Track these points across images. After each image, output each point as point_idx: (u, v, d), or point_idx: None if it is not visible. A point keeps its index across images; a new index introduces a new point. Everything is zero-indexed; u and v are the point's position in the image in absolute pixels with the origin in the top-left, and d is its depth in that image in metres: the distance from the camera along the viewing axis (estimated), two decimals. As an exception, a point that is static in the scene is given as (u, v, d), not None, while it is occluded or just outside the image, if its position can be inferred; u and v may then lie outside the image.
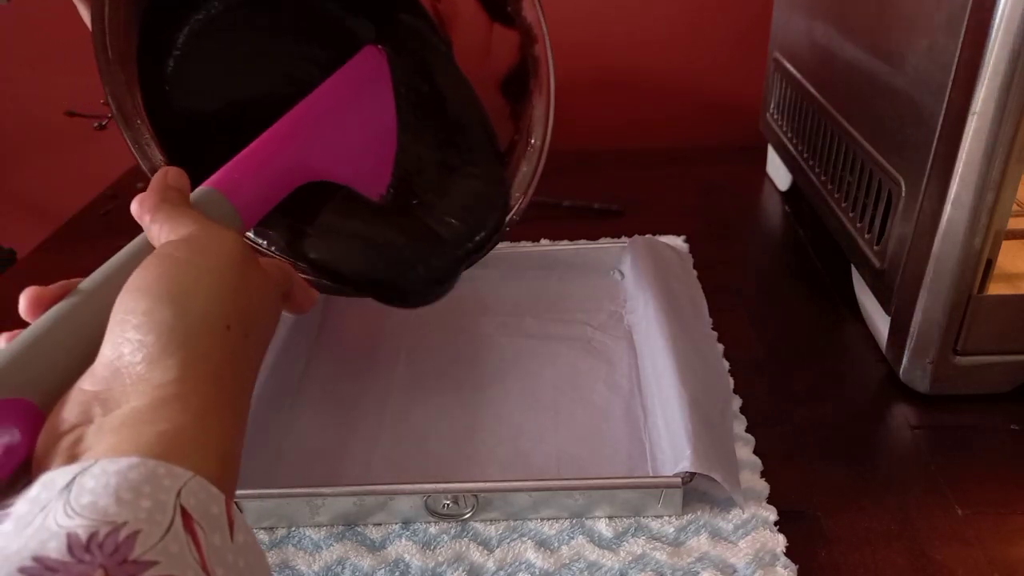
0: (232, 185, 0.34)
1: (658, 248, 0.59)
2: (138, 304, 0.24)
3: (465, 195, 0.46)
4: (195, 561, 0.19)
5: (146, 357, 0.23)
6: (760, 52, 0.79)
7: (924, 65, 0.42)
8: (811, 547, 0.39)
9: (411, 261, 0.44)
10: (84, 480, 0.19)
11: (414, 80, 0.46)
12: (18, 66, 0.92)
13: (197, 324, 0.24)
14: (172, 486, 0.20)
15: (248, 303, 0.27)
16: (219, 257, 0.27)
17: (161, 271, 0.25)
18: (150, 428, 0.22)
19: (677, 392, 0.43)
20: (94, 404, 0.23)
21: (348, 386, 0.51)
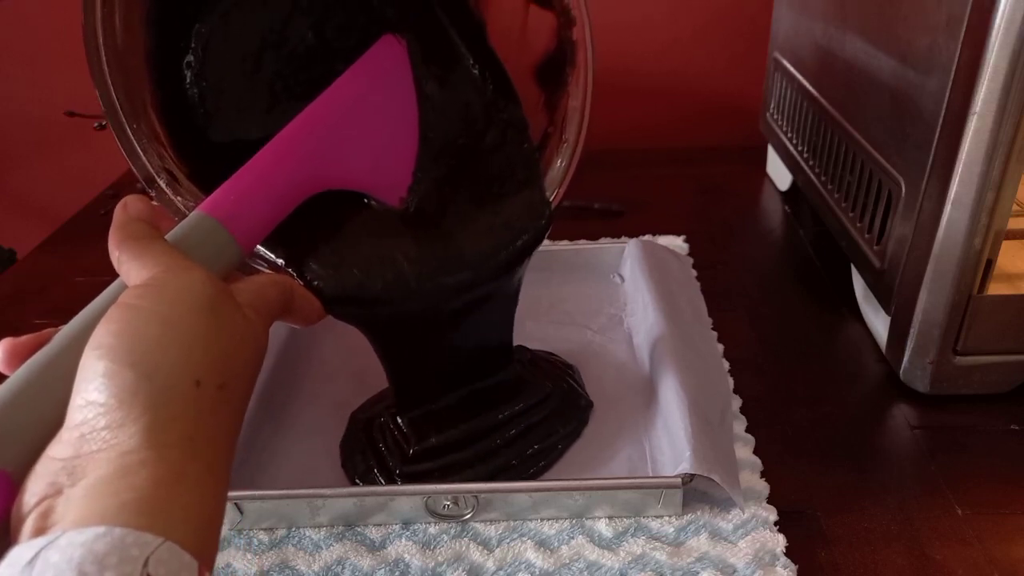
0: (227, 207, 0.30)
1: (657, 251, 0.59)
2: (100, 364, 0.23)
3: (497, 197, 0.41)
4: None
5: (109, 423, 0.22)
6: (760, 52, 0.79)
7: (924, 65, 0.42)
8: (811, 547, 0.39)
9: (436, 274, 0.38)
10: (49, 554, 0.19)
11: (439, 69, 0.41)
12: (18, 66, 0.92)
13: (162, 386, 0.23)
14: (140, 555, 0.19)
15: (221, 351, 0.25)
16: (185, 304, 0.25)
17: (121, 326, 0.24)
18: (114, 498, 0.20)
19: (677, 393, 0.43)
20: (62, 474, 0.22)
21: (348, 385, 0.51)
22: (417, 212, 0.39)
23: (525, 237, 0.41)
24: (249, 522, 0.41)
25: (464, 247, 0.39)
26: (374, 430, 0.45)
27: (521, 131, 0.42)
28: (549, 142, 0.43)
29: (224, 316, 0.26)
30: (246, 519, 0.41)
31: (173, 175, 0.36)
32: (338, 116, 0.37)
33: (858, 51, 0.52)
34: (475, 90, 0.42)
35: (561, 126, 0.43)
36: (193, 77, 0.37)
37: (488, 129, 0.42)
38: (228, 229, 0.30)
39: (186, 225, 0.29)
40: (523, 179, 0.42)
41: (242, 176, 0.32)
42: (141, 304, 0.24)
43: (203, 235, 0.29)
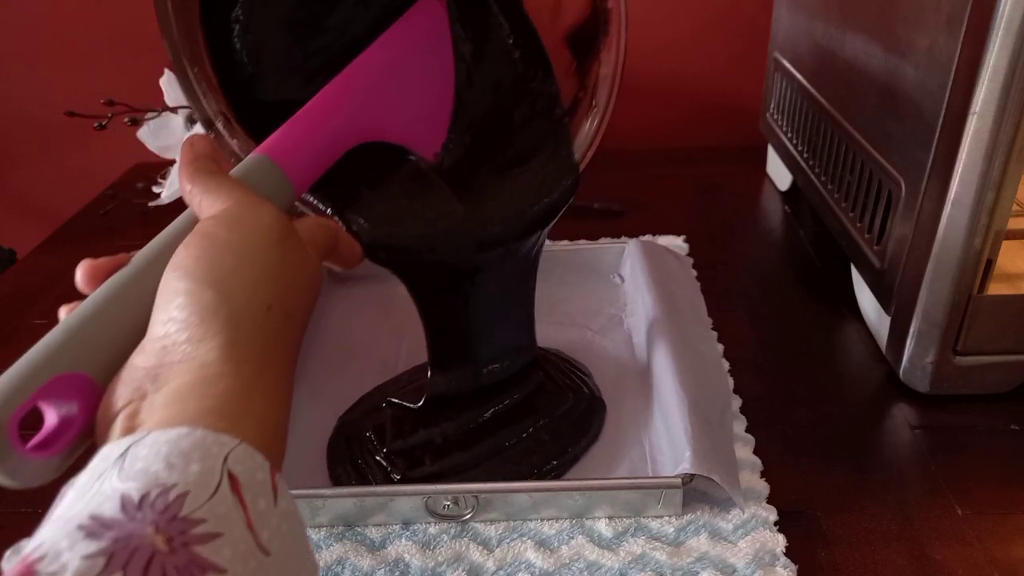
0: (283, 152, 0.33)
1: (657, 251, 0.59)
2: (181, 284, 0.25)
3: (527, 158, 0.43)
4: (241, 521, 0.20)
5: (190, 337, 0.24)
6: (760, 52, 0.79)
7: (924, 65, 0.42)
8: (811, 547, 0.39)
9: (466, 228, 0.40)
10: (137, 450, 0.21)
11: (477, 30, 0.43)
12: (18, 66, 0.92)
13: (238, 307, 0.25)
14: (219, 452, 0.21)
15: (288, 281, 0.27)
16: (258, 236, 0.27)
17: (200, 251, 0.26)
18: (197, 403, 0.23)
19: (676, 393, 0.43)
20: (146, 380, 0.24)
21: (348, 385, 0.51)
22: (451, 168, 0.41)
23: (553, 196, 0.42)
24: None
25: (494, 204, 0.41)
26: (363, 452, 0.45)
27: (552, 96, 0.43)
28: (579, 107, 0.44)
29: (289, 249, 0.28)
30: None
31: (228, 119, 0.38)
32: (382, 71, 0.39)
33: (858, 51, 0.52)
34: (509, 55, 0.43)
35: (592, 92, 0.44)
36: (240, 32, 0.38)
37: (520, 93, 0.43)
38: (283, 170, 0.32)
39: (246, 165, 0.32)
40: (553, 141, 0.43)
41: (296, 122, 0.34)
42: (218, 233, 0.26)
43: (262, 175, 0.31)
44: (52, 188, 1.00)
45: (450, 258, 0.41)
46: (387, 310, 0.60)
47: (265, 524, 0.21)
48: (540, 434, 0.45)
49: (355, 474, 0.44)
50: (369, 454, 0.44)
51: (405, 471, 0.43)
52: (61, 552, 0.18)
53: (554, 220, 0.43)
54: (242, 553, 0.20)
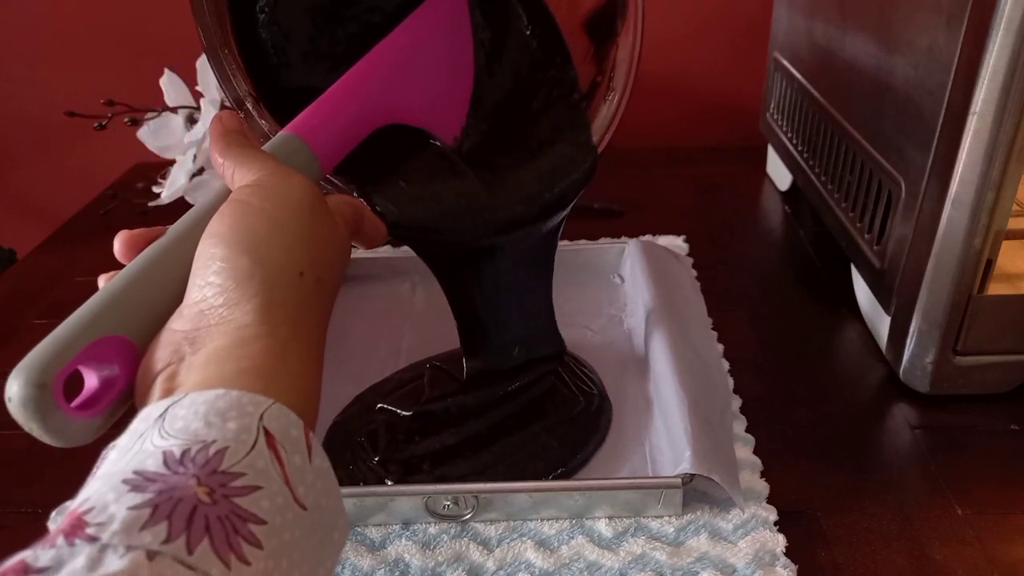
0: (311, 130, 0.34)
1: (657, 252, 0.59)
2: (217, 251, 0.26)
3: (545, 142, 0.43)
4: (278, 476, 0.21)
5: (227, 301, 0.25)
6: (760, 52, 0.79)
7: (924, 65, 0.42)
8: (811, 547, 0.39)
9: (486, 209, 0.41)
10: (176, 410, 0.21)
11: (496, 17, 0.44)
12: (18, 66, 0.92)
13: (272, 272, 0.26)
14: (255, 411, 0.22)
15: (319, 249, 0.28)
16: (290, 205, 0.28)
17: (235, 219, 0.27)
18: (234, 364, 0.24)
19: (676, 393, 0.43)
20: (184, 343, 0.25)
21: (348, 385, 0.51)
22: (470, 151, 0.42)
23: (571, 180, 0.43)
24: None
25: (512, 186, 0.42)
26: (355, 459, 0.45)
27: (570, 81, 0.44)
28: (597, 91, 0.45)
29: (320, 218, 0.29)
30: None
31: (256, 100, 0.39)
32: (404, 55, 0.40)
33: (858, 51, 0.52)
34: (527, 41, 0.44)
35: (609, 75, 0.44)
36: (266, 22, 0.39)
37: (539, 78, 0.44)
38: (311, 148, 0.33)
39: (275, 142, 0.33)
40: (571, 125, 0.44)
41: (323, 103, 0.35)
42: (252, 201, 0.27)
43: (290, 151, 0.32)
44: (52, 188, 1.00)
45: (470, 238, 0.42)
46: (387, 310, 0.60)
47: (301, 480, 0.22)
48: (548, 439, 0.45)
49: (348, 482, 0.43)
50: (362, 461, 0.44)
51: (402, 477, 0.43)
52: (108, 504, 0.19)
53: (573, 202, 0.44)
54: (280, 506, 0.21)
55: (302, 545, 0.21)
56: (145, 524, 0.18)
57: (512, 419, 0.46)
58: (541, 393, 0.48)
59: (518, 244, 0.44)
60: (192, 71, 0.65)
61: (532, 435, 0.45)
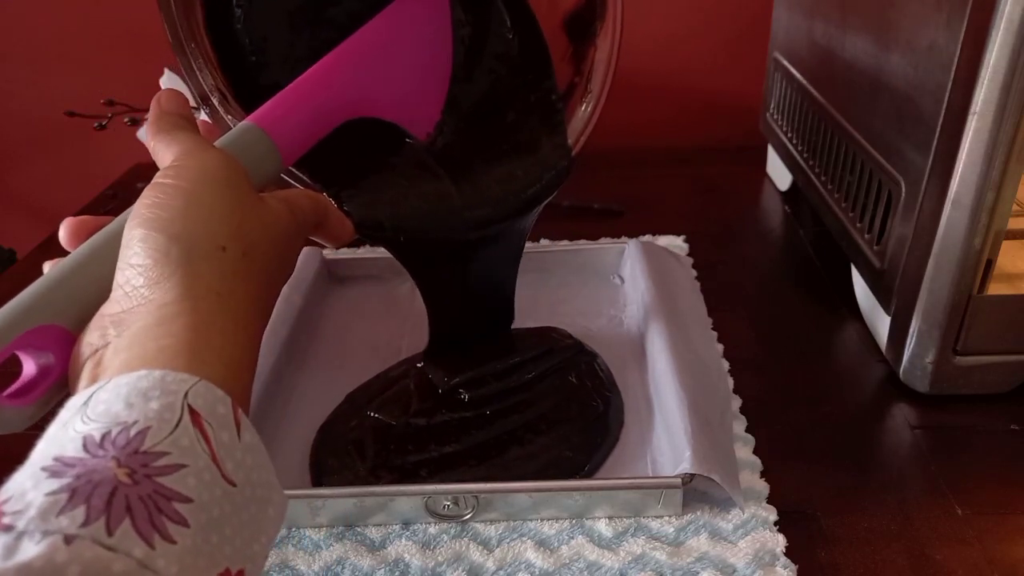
0: (273, 121, 0.33)
1: (657, 252, 0.59)
2: (136, 232, 0.26)
3: (521, 142, 0.43)
4: (205, 453, 0.21)
5: (147, 280, 0.25)
6: (760, 52, 0.79)
7: (924, 65, 0.42)
8: (811, 547, 0.39)
9: (458, 209, 0.41)
10: (99, 395, 0.21)
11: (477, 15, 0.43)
12: (18, 66, 0.92)
13: (190, 247, 0.26)
14: (178, 389, 0.22)
15: (241, 223, 0.28)
16: (205, 180, 0.28)
17: (151, 199, 0.27)
18: (156, 343, 0.23)
19: (676, 393, 0.43)
20: (110, 327, 0.25)
21: (347, 385, 0.51)
22: (444, 149, 0.42)
23: (545, 181, 0.43)
24: (249, 522, 0.41)
25: (486, 185, 0.42)
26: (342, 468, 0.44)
27: (548, 81, 0.44)
28: (574, 92, 0.45)
29: (242, 193, 0.29)
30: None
31: (224, 95, 0.39)
32: (376, 47, 0.39)
33: (858, 51, 0.52)
34: (507, 40, 0.44)
35: (587, 77, 0.44)
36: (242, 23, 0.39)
37: (516, 77, 0.44)
38: (272, 139, 0.33)
39: (234, 133, 0.32)
40: (547, 126, 0.44)
41: (287, 93, 0.35)
42: (166, 181, 0.27)
43: (249, 142, 0.32)
44: (52, 188, 1.00)
45: (441, 236, 0.42)
46: (387, 310, 0.60)
47: (229, 456, 0.22)
48: (562, 450, 0.44)
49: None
50: (349, 469, 0.44)
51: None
52: (26, 492, 0.18)
53: (547, 200, 0.43)
54: (207, 483, 0.21)
55: (233, 520, 0.21)
56: (63, 509, 0.18)
57: (522, 429, 0.45)
58: (555, 401, 0.47)
59: (494, 239, 0.44)
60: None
61: (544, 446, 0.44)
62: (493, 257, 0.46)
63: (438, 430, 0.46)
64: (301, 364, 0.53)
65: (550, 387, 0.49)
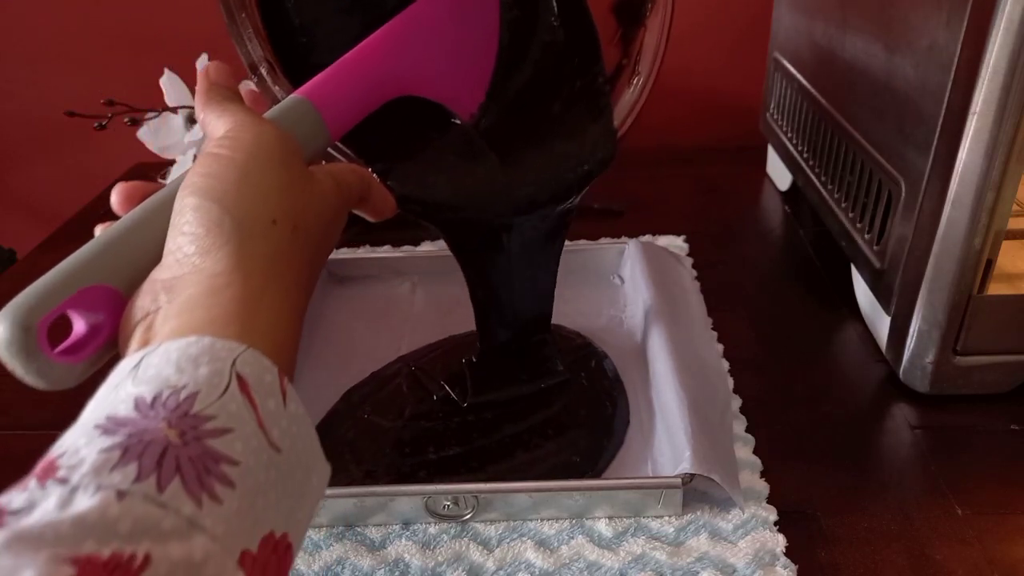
0: (321, 95, 0.34)
1: (657, 253, 0.59)
2: (189, 200, 0.26)
3: (566, 124, 0.43)
4: (252, 419, 0.22)
5: (199, 249, 0.25)
6: (760, 52, 0.79)
7: (924, 65, 0.42)
8: (811, 547, 0.39)
9: (503, 189, 0.41)
10: (150, 359, 0.22)
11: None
12: (18, 66, 0.92)
13: (243, 220, 0.26)
14: (227, 356, 0.22)
15: (294, 198, 0.28)
16: (258, 154, 0.28)
17: (205, 169, 0.27)
18: (206, 312, 0.24)
19: (676, 393, 0.43)
20: (161, 292, 0.25)
21: (347, 385, 0.51)
22: (488, 130, 0.41)
23: (590, 163, 0.42)
24: (249, 522, 0.41)
25: (531, 167, 0.41)
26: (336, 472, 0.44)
27: (596, 66, 0.43)
28: (621, 75, 0.44)
29: (293, 169, 0.29)
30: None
31: (272, 65, 0.39)
32: (424, 27, 0.39)
33: (858, 51, 0.52)
34: (554, 22, 0.43)
35: (635, 60, 0.44)
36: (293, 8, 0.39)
37: (563, 61, 0.43)
38: (320, 113, 0.33)
39: (284, 106, 0.33)
40: (593, 109, 0.43)
41: (336, 68, 0.35)
42: (221, 152, 0.27)
43: (298, 116, 0.33)
44: (52, 188, 1.00)
45: (483, 216, 0.42)
46: (387, 310, 0.60)
47: (275, 423, 0.22)
48: (570, 455, 0.44)
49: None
50: (343, 472, 0.43)
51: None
52: (79, 448, 0.19)
53: (590, 184, 0.43)
54: (254, 448, 0.21)
55: (278, 486, 0.22)
56: (115, 465, 0.19)
57: (528, 434, 0.45)
58: (563, 405, 0.47)
59: (533, 222, 0.44)
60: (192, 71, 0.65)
61: (551, 451, 0.44)
62: (535, 243, 0.46)
63: (437, 433, 0.46)
64: (301, 364, 0.53)
65: (559, 389, 0.48)
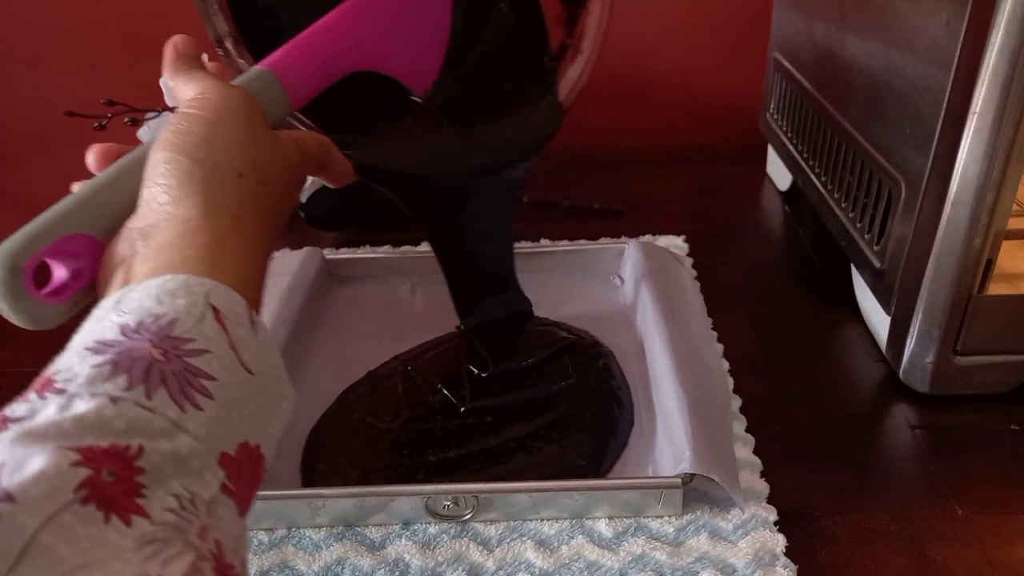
0: (282, 67, 0.36)
1: (657, 253, 0.59)
2: (161, 154, 0.28)
3: (515, 98, 0.46)
4: (226, 343, 0.24)
5: (172, 198, 0.27)
6: (760, 52, 0.79)
7: (924, 65, 0.42)
8: (811, 547, 0.39)
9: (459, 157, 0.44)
10: (130, 295, 0.24)
11: None
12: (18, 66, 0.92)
13: (211, 171, 0.28)
14: (201, 290, 0.24)
15: (257, 154, 0.30)
16: (225, 111, 0.30)
17: (178, 127, 0.29)
18: (180, 253, 0.26)
19: (676, 393, 0.43)
20: (138, 239, 0.27)
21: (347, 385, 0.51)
22: (442, 103, 0.45)
23: (538, 135, 0.46)
24: (249, 522, 0.41)
25: (482, 138, 0.45)
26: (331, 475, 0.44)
27: (542, 43, 0.47)
28: (566, 53, 0.48)
29: (258, 128, 0.31)
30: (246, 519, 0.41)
31: (236, 40, 0.42)
32: (382, 5, 0.42)
33: (858, 51, 0.52)
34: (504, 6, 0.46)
35: (579, 39, 0.47)
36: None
37: (512, 39, 0.47)
38: (283, 83, 0.35)
39: (247, 76, 0.35)
40: (541, 85, 0.47)
41: (297, 43, 0.38)
42: (190, 111, 0.30)
43: (261, 85, 0.35)
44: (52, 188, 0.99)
45: (439, 182, 0.46)
46: (387, 310, 0.60)
47: (246, 348, 0.25)
48: (575, 457, 0.44)
49: None
50: (337, 475, 0.44)
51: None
52: (73, 366, 0.21)
53: (541, 151, 0.47)
54: (228, 367, 0.24)
55: (251, 403, 0.24)
56: (107, 377, 0.21)
57: (531, 438, 0.45)
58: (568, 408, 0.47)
59: (489, 184, 0.48)
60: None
61: (554, 455, 0.44)
62: (488, 207, 0.49)
63: (436, 436, 0.46)
64: (301, 363, 0.53)
65: (566, 391, 0.48)
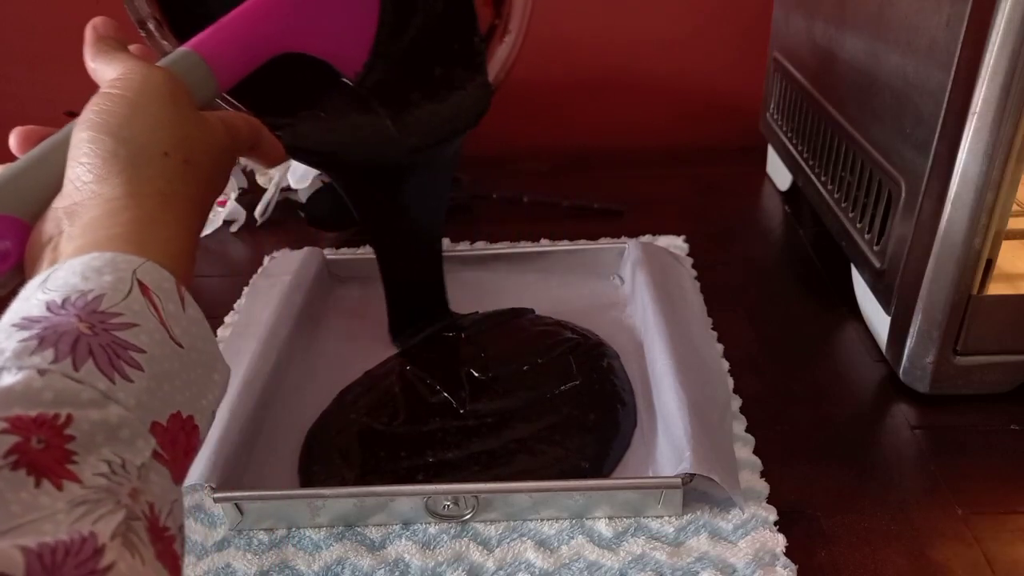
0: (208, 48, 0.35)
1: (657, 253, 0.59)
2: (84, 134, 0.28)
3: (445, 79, 0.47)
4: (154, 318, 0.24)
5: (96, 177, 0.27)
6: (760, 52, 0.79)
7: (924, 65, 0.42)
8: (811, 547, 0.39)
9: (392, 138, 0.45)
10: (56, 273, 0.24)
11: None
12: (18, 66, 0.92)
13: (136, 151, 0.28)
14: (127, 267, 0.24)
15: (183, 134, 0.30)
16: (149, 91, 0.30)
17: (99, 106, 0.29)
18: (106, 231, 0.26)
19: (676, 393, 0.43)
20: (64, 218, 0.27)
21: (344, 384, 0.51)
22: (373, 85, 0.45)
23: (468, 114, 0.47)
24: (249, 522, 0.41)
25: (414, 119, 0.45)
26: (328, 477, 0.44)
27: (471, 25, 0.48)
28: (494, 34, 0.49)
29: (183, 107, 0.31)
30: (246, 519, 0.41)
31: (160, 22, 0.42)
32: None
33: (858, 51, 0.52)
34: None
35: (506, 19, 0.48)
36: None
37: (441, 21, 0.47)
38: (209, 65, 0.35)
39: (172, 57, 0.34)
40: (470, 66, 0.48)
41: (224, 24, 0.37)
42: (113, 91, 0.30)
43: (187, 66, 0.34)
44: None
45: (374, 161, 0.47)
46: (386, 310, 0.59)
47: (176, 323, 0.25)
48: (578, 460, 0.44)
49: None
50: (334, 477, 0.44)
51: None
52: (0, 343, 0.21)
53: (470, 129, 0.48)
54: (158, 340, 0.24)
55: (183, 376, 0.24)
56: (34, 351, 0.21)
57: (533, 440, 0.45)
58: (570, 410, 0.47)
59: (423, 163, 0.49)
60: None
61: (557, 457, 0.44)
62: (423, 181, 0.50)
63: (435, 437, 0.46)
64: (301, 363, 0.53)
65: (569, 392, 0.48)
